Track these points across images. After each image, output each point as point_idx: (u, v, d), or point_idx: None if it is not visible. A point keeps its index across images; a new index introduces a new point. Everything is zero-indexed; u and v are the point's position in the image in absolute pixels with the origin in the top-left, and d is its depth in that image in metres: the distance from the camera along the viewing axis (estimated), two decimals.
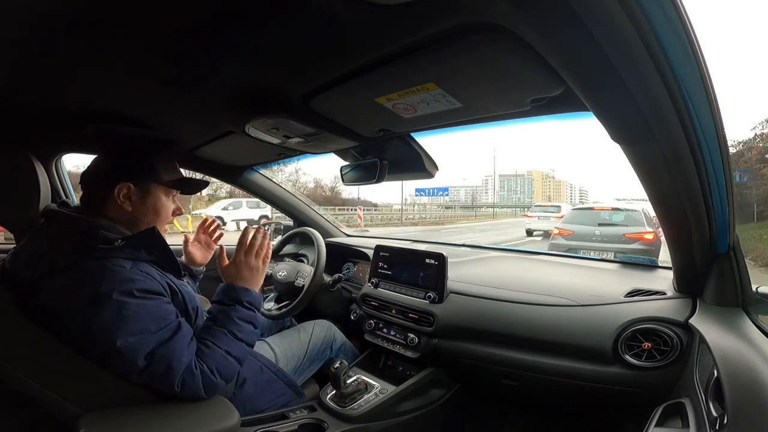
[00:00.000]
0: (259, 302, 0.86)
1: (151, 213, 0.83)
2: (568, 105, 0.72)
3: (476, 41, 0.52)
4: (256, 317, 0.84)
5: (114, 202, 0.78)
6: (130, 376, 0.67)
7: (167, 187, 0.85)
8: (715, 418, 0.58)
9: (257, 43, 0.57)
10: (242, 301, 0.82)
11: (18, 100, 0.79)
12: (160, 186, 0.84)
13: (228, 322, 0.79)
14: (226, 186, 28.49)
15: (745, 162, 16.12)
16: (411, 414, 1.09)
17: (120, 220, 0.79)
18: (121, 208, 0.79)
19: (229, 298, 0.82)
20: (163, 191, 0.85)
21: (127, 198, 0.79)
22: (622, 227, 5.13)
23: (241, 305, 0.82)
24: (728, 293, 0.81)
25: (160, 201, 0.84)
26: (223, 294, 0.84)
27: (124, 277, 0.68)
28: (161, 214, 0.85)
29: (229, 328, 0.79)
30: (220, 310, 0.81)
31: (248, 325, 0.82)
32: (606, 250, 4.82)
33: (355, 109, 0.83)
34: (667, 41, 0.42)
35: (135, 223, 0.81)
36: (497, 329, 1.07)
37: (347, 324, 1.40)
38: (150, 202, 0.83)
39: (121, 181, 0.79)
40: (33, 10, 0.48)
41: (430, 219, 26.11)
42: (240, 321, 0.80)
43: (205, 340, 0.76)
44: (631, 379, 0.90)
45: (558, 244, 5.31)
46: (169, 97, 0.81)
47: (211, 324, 0.80)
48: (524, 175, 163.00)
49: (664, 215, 0.76)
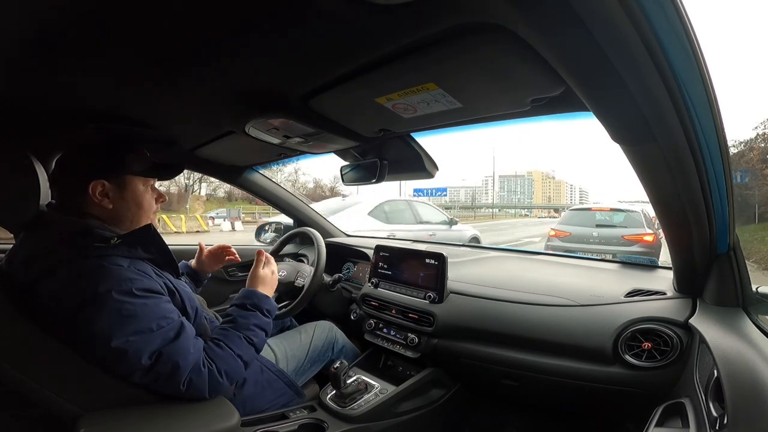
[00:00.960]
0: (275, 311, 0.91)
1: (133, 207, 0.79)
2: (568, 105, 0.72)
3: (476, 41, 0.52)
4: (270, 324, 0.88)
5: (92, 201, 0.75)
6: (134, 375, 0.66)
7: (143, 176, 0.81)
8: (715, 418, 0.58)
9: (257, 43, 0.57)
10: (263, 309, 0.87)
11: (18, 100, 0.79)
12: (135, 177, 0.79)
13: (246, 327, 0.82)
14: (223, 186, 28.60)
15: (747, 162, 15.90)
16: (411, 414, 1.09)
17: (105, 218, 0.76)
18: (100, 206, 0.76)
19: (252, 304, 0.87)
20: (140, 181, 0.80)
21: (104, 195, 0.76)
22: (621, 229, 5.03)
23: (261, 312, 0.87)
24: (728, 293, 0.81)
25: (139, 192, 0.80)
26: (246, 298, 0.88)
27: (122, 277, 0.67)
28: (143, 205, 0.81)
29: (245, 332, 0.81)
30: (241, 315, 0.85)
31: (262, 332, 0.85)
32: (603, 252, 4.67)
33: (355, 109, 0.83)
34: (667, 41, 0.42)
35: (120, 219, 0.78)
36: (497, 329, 1.07)
37: (347, 324, 1.40)
38: (129, 196, 0.79)
39: (94, 179, 0.74)
40: (33, 10, 0.48)
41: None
42: (256, 327, 0.84)
43: (219, 341, 0.78)
44: (631, 379, 0.90)
45: (554, 246, 5.20)
46: (169, 97, 0.81)
47: (229, 326, 0.82)
48: (524, 176, 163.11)
49: (664, 215, 0.76)
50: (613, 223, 5.22)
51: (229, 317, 0.85)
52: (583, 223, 5.28)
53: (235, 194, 29.36)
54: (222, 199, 29.55)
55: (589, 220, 5.31)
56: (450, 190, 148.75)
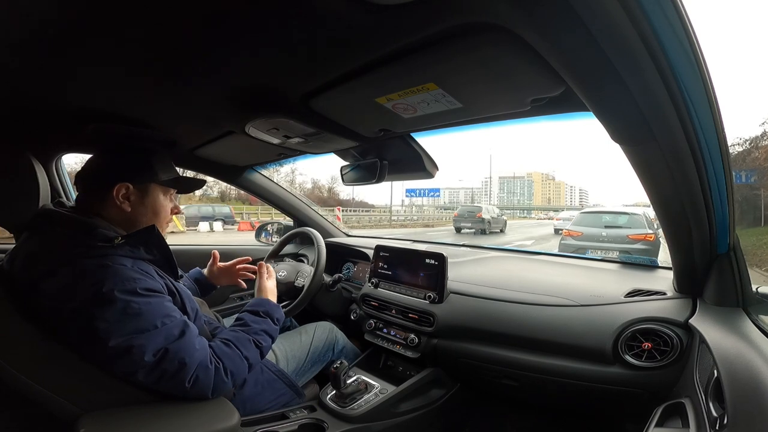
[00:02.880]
0: (282, 320, 0.96)
1: (150, 213, 0.82)
2: (568, 105, 0.72)
3: (476, 41, 0.52)
4: (277, 332, 0.93)
5: (112, 203, 0.77)
6: (138, 374, 0.66)
7: (165, 186, 0.85)
8: (715, 418, 0.58)
9: (257, 43, 0.57)
10: (274, 317, 0.93)
11: (18, 100, 0.79)
12: (158, 186, 0.83)
13: (257, 331, 0.86)
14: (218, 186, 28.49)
15: (753, 161, 15.04)
16: (411, 414, 1.09)
17: (117, 220, 0.78)
18: (119, 208, 0.78)
19: (264, 312, 0.92)
20: (161, 190, 0.84)
21: (126, 198, 0.78)
22: (626, 229, 5.75)
23: (272, 320, 0.92)
24: (728, 293, 0.81)
25: (159, 201, 0.84)
26: (260, 306, 0.94)
27: (126, 276, 0.67)
28: (160, 213, 0.84)
29: (255, 336, 0.85)
30: (254, 320, 0.89)
31: (269, 338, 0.88)
32: (612, 249, 5.47)
33: (355, 109, 0.83)
34: (667, 41, 0.42)
35: (133, 223, 0.80)
36: (497, 329, 1.07)
37: (347, 324, 1.40)
38: (149, 202, 0.82)
39: (120, 181, 0.77)
40: (33, 10, 0.48)
41: (420, 221, 26.25)
42: (265, 333, 0.87)
43: (228, 341, 0.79)
44: (631, 379, 0.90)
45: (568, 244, 5.95)
46: (169, 97, 0.81)
47: (240, 329, 0.86)
48: (524, 177, 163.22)
49: (664, 215, 0.76)
50: (619, 224, 5.95)
51: (241, 321, 0.89)
52: (593, 224, 6.04)
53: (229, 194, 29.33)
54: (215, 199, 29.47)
55: (597, 222, 6.07)
56: (450, 192, 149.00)
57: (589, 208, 7.26)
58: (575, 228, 6.22)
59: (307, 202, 1.86)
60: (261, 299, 0.97)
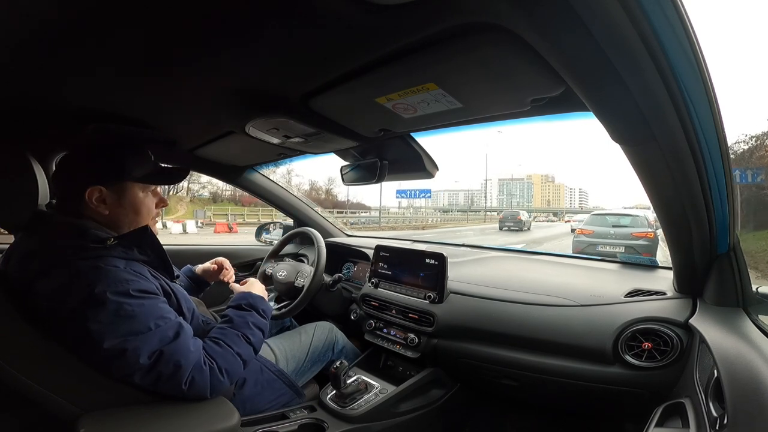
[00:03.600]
0: (270, 312, 0.94)
1: (130, 213, 0.77)
2: (568, 105, 0.72)
3: (476, 41, 0.52)
4: (267, 325, 0.90)
5: (89, 207, 0.73)
6: (134, 376, 0.66)
7: (142, 182, 0.79)
8: (715, 418, 0.57)
9: (257, 43, 0.57)
10: (258, 308, 0.90)
11: (17, 100, 0.79)
12: (134, 183, 0.78)
13: (244, 325, 0.84)
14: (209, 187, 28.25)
15: (759, 159, 14.24)
16: (411, 414, 1.09)
17: (102, 222, 0.75)
18: (96, 211, 0.74)
19: (247, 304, 0.89)
20: (139, 188, 0.78)
21: (102, 201, 0.74)
22: (630, 228, 6.91)
23: (257, 312, 0.89)
24: (728, 293, 0.80)
25: (138, 199, 0.78)
26: (242, 299, 0.91)
27: (118, 278, 0.67)
28: (142, 212, 0.79)
29: (243, 331, 0.83)
30: (238, 314, 0.86)
31: (259, 331, 0.86)
32: (618, 245, 6.65)
33: (355, 109, 0.83)
34: (667, 41, 0.42)
35: (116, 224, 0.76)
36: (497, 329, 1.07)
37: (347, 324, 1.40)
38: (127, 202, 0.77)
39: (91, 185, 0.72)
40: (33, 10, 0.48)
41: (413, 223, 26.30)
42: (254, 326, 0.85)
43: (218, 340, 0.78)
44: (631, 379, 0.90)
45: (581, 241, 7.10)
46: (169, 97, 0.81)
47: (226, 326, 0.83)
48: (523, 179, 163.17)
49: (664, 215, 0.76)
50: (624, 224, 7.10)
51: (226, 317, 0.86)
52: (602, 224, 7.22)
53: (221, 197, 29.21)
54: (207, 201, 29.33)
55: (606, 222, 7.25)
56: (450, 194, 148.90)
57: (598, 211, 8.35)
58: (587, 227, 7.37)
59: (307, 202, 1.86)
60: (243, 293, 0.94)
